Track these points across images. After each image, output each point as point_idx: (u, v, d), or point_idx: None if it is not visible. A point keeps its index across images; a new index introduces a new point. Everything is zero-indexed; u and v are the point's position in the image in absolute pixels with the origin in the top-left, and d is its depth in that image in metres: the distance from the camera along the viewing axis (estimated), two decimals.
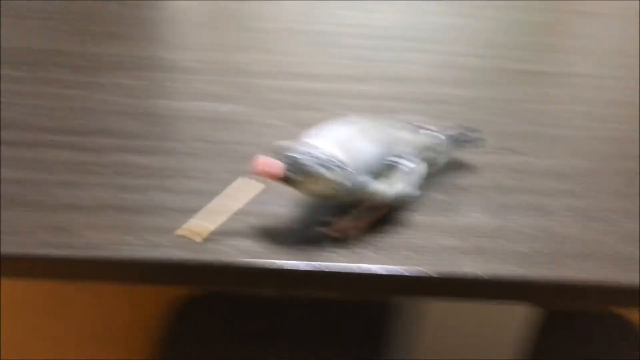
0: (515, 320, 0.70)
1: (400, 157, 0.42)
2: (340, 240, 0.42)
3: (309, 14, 0.72)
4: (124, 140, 0.50)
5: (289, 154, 0.38)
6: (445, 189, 0.48)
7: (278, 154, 0.38)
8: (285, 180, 0.39)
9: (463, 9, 0.76)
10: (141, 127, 0.52)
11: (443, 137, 0.47)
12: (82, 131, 0.50)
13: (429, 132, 0.46)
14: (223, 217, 0.41)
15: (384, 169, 0.41)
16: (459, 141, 0.48)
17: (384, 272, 0.41)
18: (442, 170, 0.47)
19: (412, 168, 0.43)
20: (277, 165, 0.38)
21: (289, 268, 0.40)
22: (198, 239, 0.40)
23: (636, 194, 0.49)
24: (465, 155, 0.51)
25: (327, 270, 0.41)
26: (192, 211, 0.44)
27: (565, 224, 0.46)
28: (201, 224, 0.41)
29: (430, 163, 0.46)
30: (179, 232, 0.40)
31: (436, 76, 0.63)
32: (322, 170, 0.38)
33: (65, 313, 1.01)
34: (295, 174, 0.38)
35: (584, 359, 0.90)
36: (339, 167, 0.39)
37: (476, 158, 0.51)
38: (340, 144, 0.41)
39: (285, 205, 0.45)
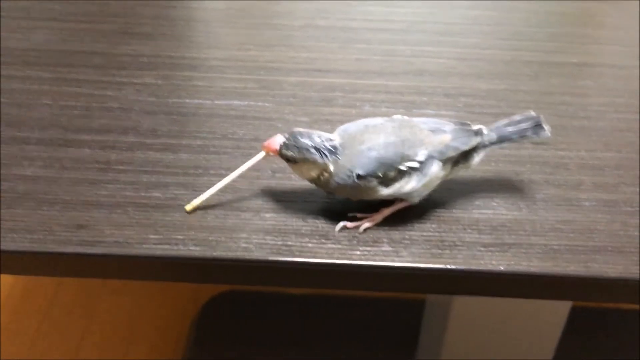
0: (547, 315, 0.68)
1: (413, 158, 0.41)
2: (357, 233, 0.42)
3: (330, 10, 0.72)
4: (147, 138, 0.50)
5: (292, 132, 0.41)
6: (468, 182, 0.47)
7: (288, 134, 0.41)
8: (282, 156, 0.41)
9: (485, 1, 0.75)
10: (165, 125, 0.52)
11: (484, 135, 0.43)
12: (105, 130, 0.51)
13: (465, 130, 0.43)
14: (215, 187, 0.43)
15: (396, 169, 0.41)
16: (518, 134, 0.44)
17: (404, 268, 0.40)
18: (480, 159, 0.45)
19: (424, 169, 0.41)
20: (277, 141, 0.41)
21: (308, 264, 0.40)
22: (188, 208, 0.43)
23: None
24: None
25: (346, 265, 0.40)
26: (212, 207, 0.44)
27: (595, 217, 0.45)
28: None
29: (459, 162, 0.44)
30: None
31: (459, 69, 0.62)
32: (312, 152, 0.40)
33: (91, 312, 1.03)
34: (289, 150, 0.40)
35: (613, 356, 0.87)
36: (331, 153, 0.40)
37: (503, 151, 0.50)
38: (350, 140, 0.41)
39: (303, 201, 0.45)
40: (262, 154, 0.42)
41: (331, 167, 0.40)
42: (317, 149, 0.40)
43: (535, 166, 0.49)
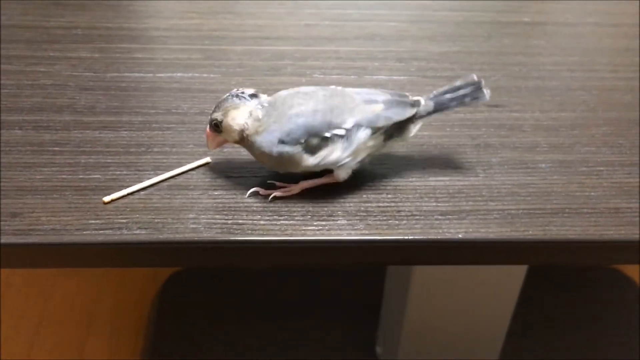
0: (505, 276, 0.69)
1: (340, 125, 0.39)
2: (269, 200, 0.41)
3: None
4: (84, 116, 0.47)
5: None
6: (424, 149, 0.46)
7: None
8: (212, 128, 0.41)
9: None
10: (103, 101, 0.49)
11: (420, 106, 0.42)
12: (38, 108, 0.48)
13: (401, 101, 0.42)
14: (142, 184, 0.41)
15: (321, 136, 0.39)
16: (457, 100, 0.43)
17: (360, 241, 0.39)
18: (417, 131, 0.43)
19: (350, 136, 0.40)
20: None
21: (260, 242, 0.38)
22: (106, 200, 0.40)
23: (623, 144, 0.47)
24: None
25: (300, 242, 0.39)
26: (157, 188, 0.41)
27: (551, 179, 0.44)
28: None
29: (394, 135, 0.42)
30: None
31: (411, 32, 0.60)
32: (231, 98, 0.40)
33: (48, 295, 0.99)
34: (215, 112, 0.40)
35: (580, 313, 0.89)
36: (253, 97, 0.40)
37: (458, 115, 0.49)
38: (280, 103, 0.40)
39: (254, 176, 0.42)
40: (205, 159, 0.43)
41: (258, 113, 0.40)
42: (235, 95, 0.40)
43: (490, 129, 0.48)
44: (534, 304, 0.87)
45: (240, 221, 0.39)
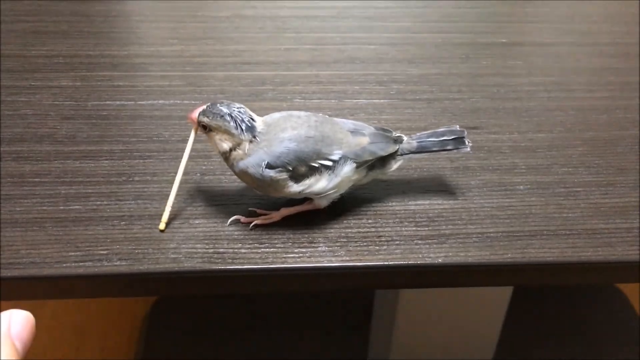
0: (491, 297, 0.69)
1: (328, 156, 0.40)
2: (250, 228, 0.41)
3: None
4: (65, 146, 0.47)
5: (214, 101, 0.40)
6: (404, 173, 0.46)
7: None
8: (199, 124, 0.40)
9: None
10: (84, 130, 0.49)
11: (403, 143, 0.43)
12: (19, 139, 0.48)
13: (385, 135, 0.42)
14: (172, 192, 0.41)
15: (308, 165, 0.39)
16: (439, 146, 0.43)
17: (341, 268, 0.39)
18: (397, 167, 0.43)
19: (336, 169, 0.40)
20: (196, 110, 0.40)
21: (241, 271, 0.39)
22: (162, 227, 0.40)
23: (600, 164, 0.48)
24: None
25: (281, 269, 0.39)
26: (138, 218, 0.41)
27: (529, 201, 0.44)
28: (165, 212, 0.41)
29: (376, 168, 0.42)
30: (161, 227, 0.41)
31: (390, 55, 0.61)
32: (227, 120, 0.39)
33: (36, 317, 0.98)
34: (205, 116, 0.39)
35: (570, 325, 0.89)
36: (248, 130, 0.39)
37: None
38: (273, 126, 0.40)
39: (234, 204, 0.43)
40: (193, 134, 0.41)
41: (246, 145, 0.39)
42: (233, 119, 0.39)
43: (471, 152, 0.49)
44: (523, 317, 0.88)
45: (221, 250, 0.39)
